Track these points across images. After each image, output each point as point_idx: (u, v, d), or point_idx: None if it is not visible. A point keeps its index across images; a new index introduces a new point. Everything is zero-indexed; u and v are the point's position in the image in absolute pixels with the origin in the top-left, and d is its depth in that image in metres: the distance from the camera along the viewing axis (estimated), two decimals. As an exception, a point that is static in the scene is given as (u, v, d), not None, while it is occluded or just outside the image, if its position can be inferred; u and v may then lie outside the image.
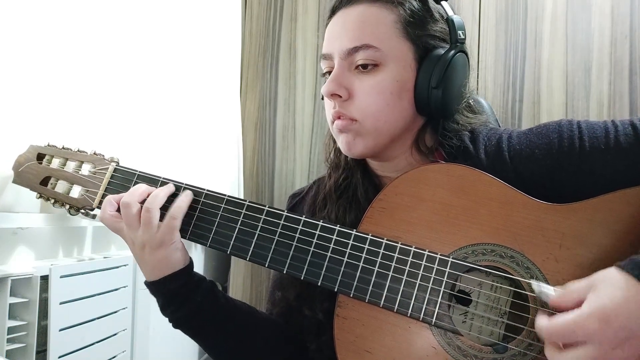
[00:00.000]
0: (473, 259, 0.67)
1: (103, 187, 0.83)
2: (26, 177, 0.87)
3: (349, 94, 0.77)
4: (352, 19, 0.77)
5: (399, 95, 0.76)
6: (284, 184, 1.83)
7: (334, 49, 0.78)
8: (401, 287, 0.67)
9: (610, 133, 0.70)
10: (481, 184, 0.70)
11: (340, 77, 0.76)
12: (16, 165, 0.88)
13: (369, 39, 0.75)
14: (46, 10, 0.98)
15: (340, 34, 0.77)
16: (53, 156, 0.88)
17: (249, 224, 0.75)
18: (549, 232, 0.65)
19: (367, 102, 0.76)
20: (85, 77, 1.09)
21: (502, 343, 0.64)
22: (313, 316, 0.80)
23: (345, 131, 0.78)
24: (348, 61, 0.77)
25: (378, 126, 0.77)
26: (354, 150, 0.79)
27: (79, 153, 0.87)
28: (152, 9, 1.33)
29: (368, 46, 0.75)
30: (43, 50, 0.98)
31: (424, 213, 0.71)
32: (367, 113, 0.76)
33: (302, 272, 0.71)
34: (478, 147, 0.78)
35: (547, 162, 0.72)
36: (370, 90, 0.75)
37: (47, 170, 0.87)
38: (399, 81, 0.76)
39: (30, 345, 0.93)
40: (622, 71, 1.63)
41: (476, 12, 1.72)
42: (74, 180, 0.85)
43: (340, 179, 0.86)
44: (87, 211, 0.85)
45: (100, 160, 0.85)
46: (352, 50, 0.75)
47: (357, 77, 0.76)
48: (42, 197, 0.87)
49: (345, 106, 0.77)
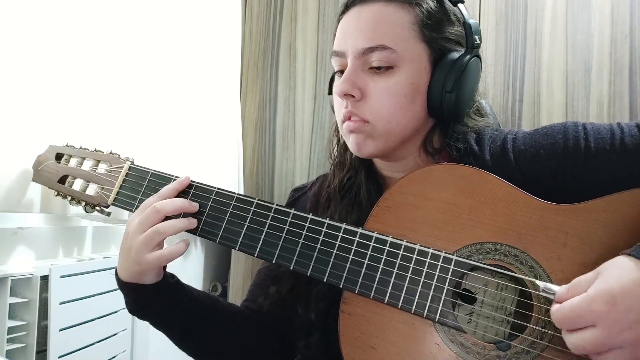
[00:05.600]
0: (477, 257, 0.68)
1: (118, 184, 0.85)
2: (45, 176, 0.90)
3: (362, 94, 0.76)
4: (367, 17, 0.76)
5: (413, 98, 0.75)
6: (284, 183, 1.83)
7: (348, 47, 0.76)
8: (405, 284, 0.68)
9: (616, 134, 0.70)
10: (486, 184, 0.70)
11: (354, 76, 0.75)
12: (36, 164, 0.92)
13: (384, 39, 0.74)
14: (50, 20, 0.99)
15: (354, 33, 0.76)
16: (71, 156, 0.91)
17: (258, 221, 0.76)
18: (553, 231, 0.66)
19: (381, 103, 0.75)
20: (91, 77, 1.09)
21: (505, 340, 0.65)
22: (305, 315, 0.81)
23: (356, 132, 0.77)
24: (362, 60, 0.75)
25: (390, 128, 0.76)
26: (363, 150, 0.78)
27: (96, 152, 0.90)
28: (152, 9, 1.33)
29: (384, 47, 0.74)
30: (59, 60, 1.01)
31: (429, 212, 0.71)
32: (379, 115, 0.75)
33: (309, 269, 0.72)
34: (483, 148, 0.78)
35: (552, 163, 0.72)
36: (384, 92, 0.75)
37: (65, 169, 0.89)
38: (413, 84, 0.75)
39: (30, 345, 0.92)
40: (622, 71, 1.63)
41: (476, 12, 1.72)
42: (91, 179, 0.87)
43: (345, 179, 0.86)
44: (102, 208, 0.87)
45: (116, 159, 0.87)
46: (367, 50, 0.74)
47: (371, 77, 0.75)
48: (59, 194, 0.89)
49: (357, 107, 0.76)
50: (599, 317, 0.53)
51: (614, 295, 0.53)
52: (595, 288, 0.55)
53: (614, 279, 0.54)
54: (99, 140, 1.05)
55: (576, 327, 0.55)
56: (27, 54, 0.94)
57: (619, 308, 0.53)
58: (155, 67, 1.34)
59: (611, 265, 0.57)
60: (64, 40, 1.02)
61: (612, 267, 0.56)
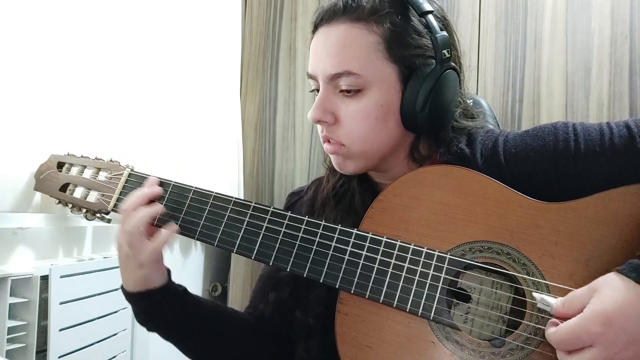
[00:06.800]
0: (471, 256, 0.68)
1: (118, 191, 0.86)
2: (47, 184, 0.92)
3: (335, 119, 0.77)
4: (333, 41, 0.75)
5: (384, 119, 0.76)
6: (284, 184, 1.83)
7: (318, 71, 0.77)
8: (400, 283, 0.68)
9: (606, 135, 0.70)
10: (478, 184, 0.71)
11: (325, 102, 0.76)
12: (38, 173, 0.94)
13: (350, 65, 0.73)
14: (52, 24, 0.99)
15: (322, 57, 0.76)
16: (72, 164, 0.92)
17: (255, 224, 0.77)
18: (544, 229, 0.66)
19: (353, 127, 0.76)
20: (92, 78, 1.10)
21: (499, 337, 0.65)
22: (304, 320, 0.82)
23: (335, 154, 0.80)
24: (332, 85, 0.76)
25: (366, 149, 0.77)
26: (345, 170, 0.81)
27: (96, 160, 0.91)
28: (152, 9, 1.33)
29: (349, 73, 0.74)
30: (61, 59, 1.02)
31: (423, 213, 0.72)
32: (353, 138, 0.76)
33: (305, 270, 0.73)
34: (475, 151, 0.78)
35: (542, 164, 0.72)
36: (355, 115, 0.75)
37: (66, 177, 0.91)
38: (384, 105, 0.75)
39: (30, 345, 0.93)
40: (622, 71, 1.62)
41: (476, 12, 1.72)
42: (91, 186, 0.89)
43: (338, 184, 0.86)
44: (102, 215, 0.88)
45: (116, 166, 0.89)
46: (334, 76, 0.75)
47: (342, 101, 0.76)
48: (60, 202, 0.91)
49: (332, 130, 0.78)
50: (597, 338, 0.55)
51: (609, 316, 0.55)
52: (590, 310, 0.56)
53: (609, 300, 0.56)
54: (100, 141, 1.07)
55: (574, 349, 0.57)
56: (30, 60, 0.95)
57: (614, 329, 0.54)
58: (156, 68, 1.34)
59: (605, 284, 0.58)
60: (65, 40, 1.03)
61: (606, 287, 0.57)
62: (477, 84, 1.71)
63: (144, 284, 0.78)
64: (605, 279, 0.58)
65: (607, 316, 0.55)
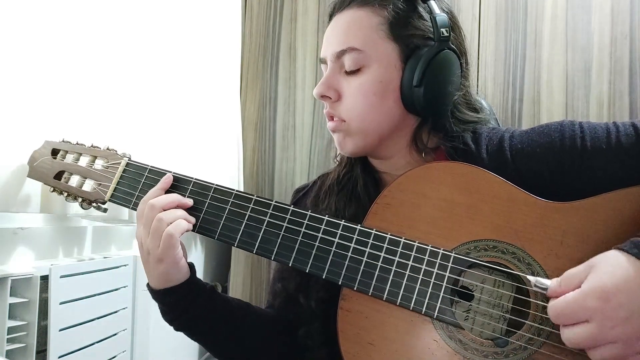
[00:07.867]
0: (475, 254, 0.68)
1: (115, 180, 0.85)
2: (41, 172, 0.89)
3: (338, 95, 0.80)
4: (341, 23, 0.81)
5: (383, 95, 0.78)
6: (284, 183, 1.83)
7: (327, 52, 0.82)
8: (404, 281, 0.68)
9: (612, 133, 0.70)
10: (484, 182, 0.70)
11: (330, 79, 0.80)
12: (31, 160, 0.91)
13: (353, 42, 0.78)
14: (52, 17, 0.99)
15: (331, 40, 0.81)
16: (67, 151, 0.90)
17: (256, 218, 0.76)
18: (550, 229, 0.66)
19: (353, 103, 0.79)
20: (90, 76, 1.09)
21: (503, 337, 0.65)
22: (307, 304, 0.82)
23: (336, 131, 0.82)
24: (338, 64, 0.80)
25: (364, 126, 0.79)
26: (344, 149, 0.82)
27: (93, 148, 0.89)
28: (152, 9, 1.33)
29: (352, 49, 0.78)
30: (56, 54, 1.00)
31: (428, 210, 0.71)
32: (353, 114, 0.79)
33: (307, 266, 0.72)
34: (480, 147, 0.79)
35: (548, 161, 0.73)
36: (355, 91, 0.79)
37: (61, 164, 0.89)
38: (382, 82, 0.78)
39: (30, 345, 0.92)
40: (622, 71, 1.63)
41: (476, 12, 1.73)
42: (87, 175, 0.87)
43: (342, 173, 0.88)
44: (98, 204, 0.86)
45: (113, 155, 0.87)
46: (339, 54, 0.79)
47: (345, 79, 0.80)
48: (55, 190, 0.89)
49: (335, 107, 0.81)
50: (593, 313, 0.55)
51: (606, 291, 0.55)
52: (588, 284, 0.56)
53: (607, 275, 0.56)
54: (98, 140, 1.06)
55: (571, 322, 0.57)
56: (24, 49, 0.93)
57: (611, 304, 0.54)
58: (155, 66, 1.34)
59: (604, 260, 0.57)
60: (64, 40, 1.02)
61: (605, 262, 0.57)
62: (477, 83, 1.71)
63: (167, 280, 0.77)
64: (604, 255, 0.58)
65: (604, 291, 0.55)
